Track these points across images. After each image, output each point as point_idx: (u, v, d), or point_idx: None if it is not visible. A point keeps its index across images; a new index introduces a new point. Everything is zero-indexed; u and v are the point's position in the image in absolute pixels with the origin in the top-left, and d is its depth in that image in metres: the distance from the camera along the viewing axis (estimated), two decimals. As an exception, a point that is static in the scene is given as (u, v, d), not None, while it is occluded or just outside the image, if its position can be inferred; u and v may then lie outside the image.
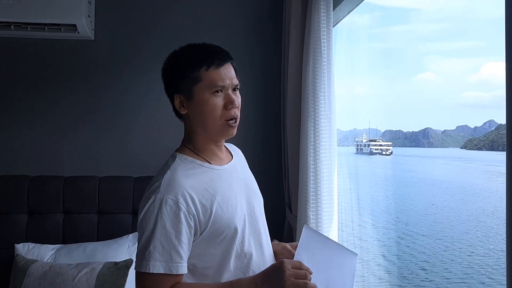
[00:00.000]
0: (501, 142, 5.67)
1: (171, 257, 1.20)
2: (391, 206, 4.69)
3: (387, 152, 8.24)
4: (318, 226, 2.24)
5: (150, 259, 1.19)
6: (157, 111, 2.82)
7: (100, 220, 2.61)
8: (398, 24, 11.72)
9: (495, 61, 15.78)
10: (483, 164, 5.78)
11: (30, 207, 2.59)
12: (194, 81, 1.31)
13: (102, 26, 2.83)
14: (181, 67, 1.34)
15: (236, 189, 1.37)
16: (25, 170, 2.68)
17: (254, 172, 2.90)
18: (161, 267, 1.19)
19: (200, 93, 1.31)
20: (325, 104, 2.29)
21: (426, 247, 4.76)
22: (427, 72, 19.15)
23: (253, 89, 2.90)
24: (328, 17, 2.30)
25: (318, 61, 2.29)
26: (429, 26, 16.39)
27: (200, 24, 2.91)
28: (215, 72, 1.31)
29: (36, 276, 2.23)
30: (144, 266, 1.19)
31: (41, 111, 2.83)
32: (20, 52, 2.82)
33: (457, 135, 7.52)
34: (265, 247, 1.41)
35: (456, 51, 18.28)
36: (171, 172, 1.28)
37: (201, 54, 1.34)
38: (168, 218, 1.20)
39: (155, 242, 1.19)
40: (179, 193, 1.23)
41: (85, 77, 2.86)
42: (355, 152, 3.24)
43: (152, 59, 2.85)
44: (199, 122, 1.34)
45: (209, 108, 1.31)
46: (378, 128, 3.38)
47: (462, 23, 15.31)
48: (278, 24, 2.86)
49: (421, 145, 7.27)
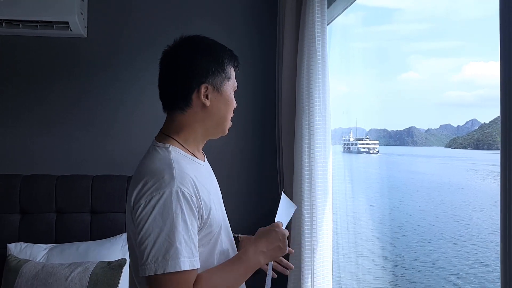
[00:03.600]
0: (486, 141, 5.77)
1: (192, 252, 1.14)
2: (385, 204, 4.73)
3: (374, 151, 8.30)
4: (312, 224, 2.25)
5: (179, 256, 1.11)
6: (152, 109, 2.78)
7: (93, 220, 2.60)
8: (382, 24, 11.76)
9: (476, 61, 16.13)
10: (482, 163, 5.84)
11: (22, 206, 2.56)
12: (226, 77, 1.33)
13: (95, 24, 2.80)
14: (219, 59, 1.33)
15: (214, 188, 1.38)
16: (17, 169, 2.65)
17: (249, 170, 2.93)
18: (188, 264, 1.12)
19: (228, 90, 1.34)
20: (319, 103, 2.30)
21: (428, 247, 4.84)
22: (410, 71, 19.30)
23: (248, 88, 2.90)
24: (323, 15, 2.31)
25: (312, 59, 2.30)
26: (412, 26, 16.57)
27: (194, 22, 2.90)
28: (234, 74, 1.38)
29: (28, 276, 2.21)
30: (172, 266, 1.10)
31: (33, 109, 2.81)
32: (11, 50, 2.79)
33: (441, 134, 7.61)
34: (233, 242, 1.43)
35: (439, 51, 18.49)
36: (177, 164, 1.21)
37: (232, 53, 1.37)
38: (186, 212, 1.15)
39: (180, 238, 1.12)
40: (192, 186, 1.19)
41: (77, 75, 2.84)
42: (342, 151, 3.26)
43: (145, 57, 2.84)
44: (216, 117, 1.33)
45: (231, 105, 1.35)
46: (363, 127, 3.44)
47: (444, 23, 15.46)
48: (272, 21, 2.87)
49: (405, 144, 7.33)
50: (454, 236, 4.75)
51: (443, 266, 4.30)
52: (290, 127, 2.50)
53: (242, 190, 2.92)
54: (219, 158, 2.20)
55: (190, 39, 1.37)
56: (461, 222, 4.96)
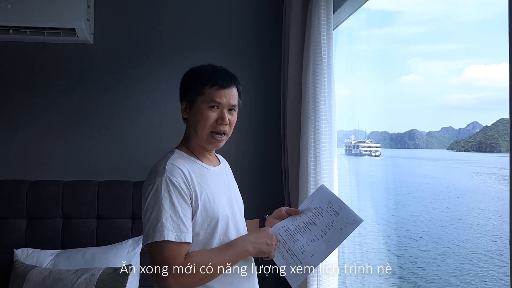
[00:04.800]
0: (489, 143, 5.78)
1: (179, 228, 1.39)
2: (391, 206, 4.72)
3: (376, 153, 8.31)
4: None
5: (164, 229, 1.36)
6: (157, 115, 2.82)
7: (99, 225, 2.60)
8: (382, 27, 11.70)
9: (477, 63, 16.09)
10: (488, 166, 5.78)
11: (29, 212, 2.57)
12: (198, 94, 1.53)
13: (101, 30, 2.82)
14: (192, 81, 1.57)
15: (222, 189, 1.58)
16: (24, 175, 2.66)
17: (254, 175, 2.94)
18: (173, 236, 1.36)
19: (200, 104, 1.53)
20: (325, 107, 2.30)
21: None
22: (411, 74, 19.21)
23: (253, 92, 2.91)
24: (329, 20, 2.32)
25: (318, 65, 2.31)
26: (412, 28, 16.55)
27: (199, 29, 2.91)
28: (216, 91, 1.52)
29: (35, 282, 2.21)
30: (158, 236, 1.35)
31: (40, 115, 2.82)
32: (19, 56, 2.80)
33: (442, 137, 7.61)
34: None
35: (439, 54, 18.36)
36: (172, 161, 1.48)
37: (210, 74, 1.56)
38: (175, 196, 1.40)
39: (166, 215, 1.38)
40: (181, 176, 1.44)
41: (84, 81, 2.85)
42: (344, 153, 3.25)
43: (151, 63, 2.85)
44: (193, 128, 1.55)
45: (202, 118, 1.52)
46: (365, 129, 3.41)
47: (444, 26, 15.40)
48: (278, 27, 2.88)
49: (406, 147, 7.32)
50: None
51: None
52: (295, 132, 2.51)
53: (247, 194, 2.92)
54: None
55: (190, 68, 1.63)
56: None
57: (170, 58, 2.85)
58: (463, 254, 4.70)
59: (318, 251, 1.54)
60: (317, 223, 1.60)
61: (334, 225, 1.56)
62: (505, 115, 1.81)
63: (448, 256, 4.79)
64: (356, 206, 2.61)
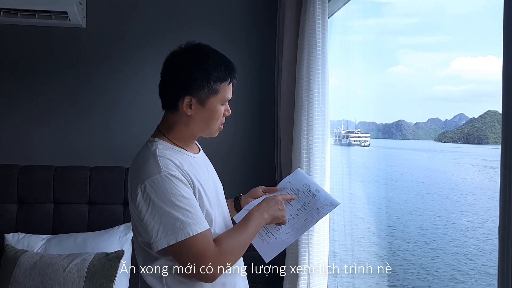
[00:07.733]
0: (477, 135, 5.83)
1: (199, 217, 1.33)
2: (382, 195, 4.76)
3: (366, 143, 8.35)
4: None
5: (186, 226, 1.29)
6: (150, 101, 2.79)
7: (91, 211, 2.59)
8: (371, 17, 11.93)
9: (464, 56, 16.22)
10: (486, 160, 5.82)
11: (19, 196, 2.55)
12: (213, 92, 1.42)
13: (94, 14, 2.78)
14: (202, 76, 1.41)
15: (207, 175, 1.53)
16: (15, 160, 2.63)
17: (247, 163, 2.94)
18: (197, 228, 1.30)
19: (213, 103, 1.43)
20: (319, 96, 2.30)
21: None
22: (399, 65, 19.31)
23: (247, 81, 2.90)
24: (324, 8, 2.31)
25: (312, 53, 2.30)
26: (401, 20, 16.59)
27: (194, 14, 2.89)
28: (229, 87, 1.46)
29: (26, 267, 2.21)
30: (182, 235, 1.29)
31: (31, 100, 2.79)
32: (9, 39, 2.77)
33: (429, 128, 7.67)
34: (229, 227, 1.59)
35: (427, 45, 18.51)
36: (161, 153, 1.38)
37: (226, 68, 1.44)
38: (181, 189, 1.32)
39: (182, 211, 1.30)
40: (176, 168, 1.36)
41: (76, 65, 2.82)
42: (334, 143, 3.26)
43: (145, 48, 2.83)
44: (199, 124, 1.46)
45: (215, 116, 1.46)
46: (354, 119, 3.43)
47: (432, 17, 15.48)
48: (272, 15, 2.86)
49: (394, 137, 7.36)
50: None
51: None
52: (289, 121, 2.51)
53: (239, 183, 2.93)
54: (216, 151, 2.21)
55: (191, 48, 1.46)
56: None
57: (165, 43, 2.81)
58: (454, 235, 4.87)
59: (294, 229, 1.60)
60: (292, 202, 1.65)
61: (310, 206, 1.62)
62: (492, 107, 1.80)
63: (438, 235, 4.95)
64: (347, 194, 2.64)
